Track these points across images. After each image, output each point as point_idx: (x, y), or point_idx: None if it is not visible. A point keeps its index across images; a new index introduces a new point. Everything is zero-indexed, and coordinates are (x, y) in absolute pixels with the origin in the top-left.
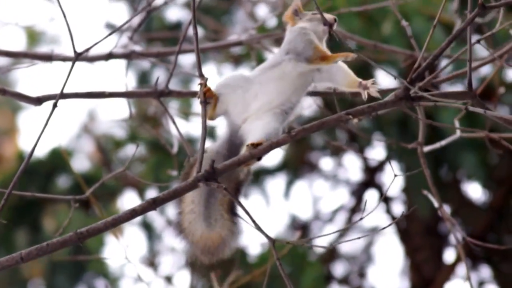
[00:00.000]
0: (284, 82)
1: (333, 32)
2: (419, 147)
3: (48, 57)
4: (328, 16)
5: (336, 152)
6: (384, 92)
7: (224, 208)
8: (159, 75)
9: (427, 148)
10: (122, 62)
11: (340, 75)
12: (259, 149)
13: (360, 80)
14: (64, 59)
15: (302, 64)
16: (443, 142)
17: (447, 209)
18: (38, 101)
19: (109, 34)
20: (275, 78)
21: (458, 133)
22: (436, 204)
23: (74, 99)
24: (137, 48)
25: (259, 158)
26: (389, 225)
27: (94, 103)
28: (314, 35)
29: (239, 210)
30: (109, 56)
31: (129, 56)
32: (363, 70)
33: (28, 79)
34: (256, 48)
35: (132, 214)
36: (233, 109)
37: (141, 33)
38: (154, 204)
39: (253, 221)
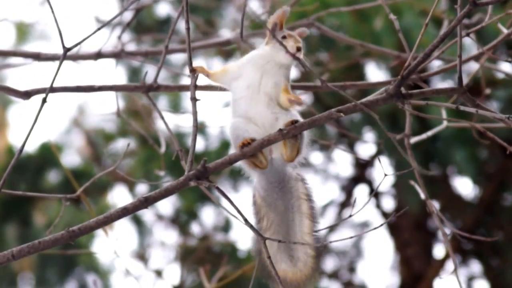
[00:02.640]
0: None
1: (297, 60)
2: (406, 139)
3: (37, 56)
4: (291, 45)
5: (326, 147)
6: (375, 86)
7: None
8: (148, 70)
9: (414, 140)
10: (112, 60)
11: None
12: (250, 148)
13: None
14: (53, 57)
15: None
16: (429, 133)
17: (436, 204)
18: (27, 94)
19: (98, 29)
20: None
21: (444, 124)
22: (422, 196)
23: (63, 93)
24: (127, 46)
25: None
26: (381, 225)
27: (84, 97)
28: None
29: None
30: (98, 55)
31: (118, 56)
32: (354, 68)
33: (17, 76)
34: (244, 47)
35: (123, 212)
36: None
37: (130, 28)
38: (146, 202)
39: (244, 219)
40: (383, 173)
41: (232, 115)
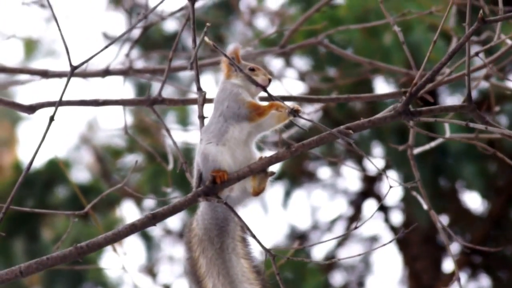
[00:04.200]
0: (240, 145)
1: (267, 92)
2: (409, 149)
3: (44, 73)
4: (262, 78)
5: (334, 162)
6: (380, 98)
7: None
8: (154, 86)
9: (417, 150)
10: (120, 77)
11: (271, 117)
12: (258, 164)
13: (287, 106)
14: (60, 75)
15: (244, 124)
16: (433, 144)
17: (445, 218)
18: (31, 109)
19: (106, 47)
20: (232, 146)
21: (447, 134)
22: (425, 207)
23: (68, 107)
24: (135, 63)
25: (271, 174)
26: (390, 242)
27: (93, 114)
28: (246, 91)
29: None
30: (106, 72)
31: (126, 73)
32: (362, 84)
33: (25, 93)
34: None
35: (131, 228)
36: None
37: (138, 44)
38: (154, 219)
39: (252, 234)
40: (389, 185)
41: (215, 140)
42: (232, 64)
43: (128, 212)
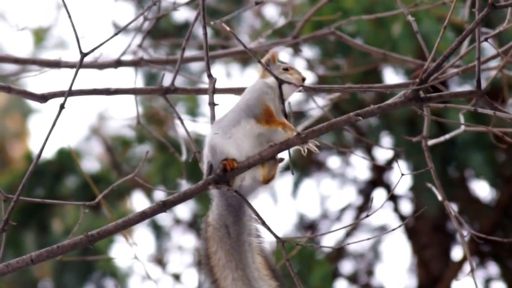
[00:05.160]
0: (249, 140)
1: (303, 91)
2: (423, 141)
3: (57, 64)
4: (296, 78)
5: (343, 151)
6: (393, 88)
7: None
8: (166, 75)
9: (431, 142)
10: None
11: (278, 133)
12: (268, 151)
13: (295, 130)
14: (73, 65)
15: (252, 122)
16: (447, 136)
17: (454, 207)
18: (43, 98)
19: (115, 35)
20: (241, 137)
21: (462, 128)
22: (440, 197)
23: (80, 96)
24: (146, 53)
25: (280, 160)
26: (399, 226)
27: (103, 104)
28: (274, 93)
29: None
30: (118, 63)
31: (138, 63)
32: (372, 73)
33: (36, 83)
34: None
35: (142, 216)
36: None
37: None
38: (164, 206)
39: (263, 222)
40: (400, 173)
41: (222, 131)
42: (261, 64)
43: (138, 202)
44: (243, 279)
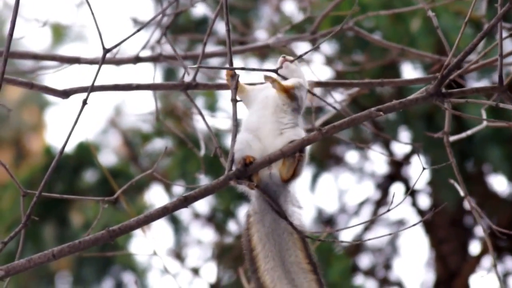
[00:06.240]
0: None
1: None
2: (445, 137)
3: (77, 60)
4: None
5: (362, 147)
6: (413, 83)
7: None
8: (186, 70)
9: (452, 138)
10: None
11: None
12: (290, 147)
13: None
14: (93, 61)
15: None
16: (469, 132)
17: (472, 202)
18: (65, 94)
19: (138, 30)
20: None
21: (484, 123)
22: (462, 193)
23: (101, 92)
24: (164, 47)
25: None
26: (418, 223)
27: (121, 97)
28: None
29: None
30: (137, 59)
31: (157, 59)
32: (390, 68)
33: (53, 79)
34: (283, 50)
35: (163, 211)
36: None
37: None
38: (186, 201)
39: (284, 217)
40: (421, 167)
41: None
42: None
43: (157, 196)
44: (282, 270)
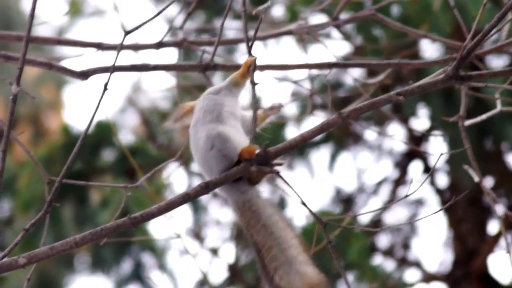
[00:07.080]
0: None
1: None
2: (460, 121)
3: (98, 45)
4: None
5: (380, 122)
6: (431, 65)
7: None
8: (204, 49)
9: (468, 122)
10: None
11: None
12: (309, 132)
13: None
14: (115, 47)
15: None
16: (483, 116)
17: (490, 180)
18: (84, 75)
19: (160, 12)
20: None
21: (498, 107)
22: (476, 179)
23: (119, 72)
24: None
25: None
26: (440, 210)
27: (139, 76)
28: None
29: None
30: (159, 45)
31: (180, 45)
32: (408, 46)
33: (74, 60)
34: (305, 38)
35: (185, 198)
36: None
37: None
38: (207, 188)
39: (303, 202)
40: (439, 152)
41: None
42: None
43: (175, 176)
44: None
